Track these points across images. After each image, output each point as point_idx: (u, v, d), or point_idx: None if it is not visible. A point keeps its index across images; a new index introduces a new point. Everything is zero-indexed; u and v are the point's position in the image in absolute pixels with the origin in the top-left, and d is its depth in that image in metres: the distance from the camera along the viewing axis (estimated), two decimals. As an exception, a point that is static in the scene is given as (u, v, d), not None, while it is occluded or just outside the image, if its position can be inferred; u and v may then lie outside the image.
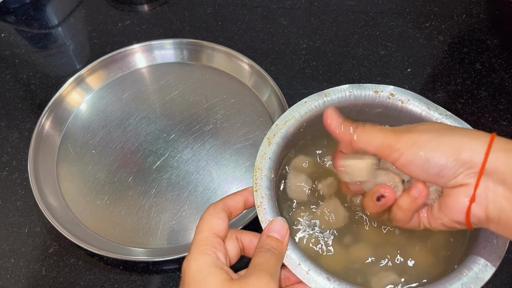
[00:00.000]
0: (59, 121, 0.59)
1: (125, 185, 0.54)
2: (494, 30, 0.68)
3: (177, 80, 0.64)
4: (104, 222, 0.52)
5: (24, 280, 0.49)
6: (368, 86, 0.41)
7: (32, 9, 0.74)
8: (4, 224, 0.53)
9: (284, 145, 0.40)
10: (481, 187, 0.30)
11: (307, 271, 0.33)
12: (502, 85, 0.62)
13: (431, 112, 0.40)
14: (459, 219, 0.32)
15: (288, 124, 0.40)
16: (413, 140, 0.32)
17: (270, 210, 0.35)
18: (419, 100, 0.41)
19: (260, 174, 0.37)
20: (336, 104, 0.41)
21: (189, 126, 0.59)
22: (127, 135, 0.59)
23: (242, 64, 0.62)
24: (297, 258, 0.33)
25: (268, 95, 0.60)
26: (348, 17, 0.71)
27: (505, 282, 0.47)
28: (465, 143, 0.30)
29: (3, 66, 0.68)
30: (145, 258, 0.48)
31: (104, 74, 0.64)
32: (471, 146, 0.30)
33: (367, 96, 0.41)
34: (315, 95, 0.41)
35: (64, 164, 0.57)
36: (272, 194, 0.36)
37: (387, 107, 0.42)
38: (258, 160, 0.38)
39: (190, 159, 0.56)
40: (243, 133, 0.58)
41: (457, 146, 0.30)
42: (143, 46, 0.64)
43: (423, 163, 0.31)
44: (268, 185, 0.37)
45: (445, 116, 0.40)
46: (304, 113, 0.41)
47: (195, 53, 0.65)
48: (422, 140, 0.31)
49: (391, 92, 0.41)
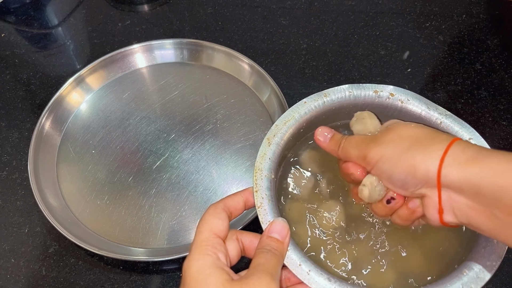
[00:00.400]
0: (59, 121, 0.59)
1: (125, 185, 0.54)
2: (494, 30, 0.68)
3: (177, 80, 0.64)
4: (104, 222, 0.52)
5: (24, 280, 0.49)
6: (367, 86, 0.41)
7: (32, 9, 0.74)
8: (4, 224, 0.53)
9: (284, 145, 0.40)
10: (444, 197, 0.32)
11: (308, 272, 0.33)
12: (502, 85, 0.62)
13: (430, 112, 0.40)
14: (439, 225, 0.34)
15: (288, 124, 0.40)
16: (379, 154, 0.34)
17: (270, 211, 0.35)
18: (419, 100, 0.41)
19: (260, 175, 0.37)
20: (336, 104, 0.41)
21: (189, 126, 0.59)
22: (127, 135, 0.59)
23: (242, 64, 0.62)
24: (297, 259, 0.33)
25: (268, 95, 0.60)
26: (348, 17, 0.71)
27: (505, 282, 0.47)
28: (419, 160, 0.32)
29: (3, 66, 0.68)
30: (145, 258, 0.48)
31: (104, 74, 0.64)
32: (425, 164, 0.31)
33: (367, 96, 0.41)
34: (315, 95, 0.41)
35: (64, 164, 0.57)
36: (272, 195, 0.36)
37: (387, 107, 0.42)
38: (258, 160, 0.38)
39: (190, 159, 0.56)
40: (243, 133, 0.58)
41: (412, 163, 0.32)
42: (143, 46, 0.64)
43: (388, 177, 0.34)
44: (268, 186, 0.37)
45: (445, 116, 0.40)
46: (304, 113, 0.41)
47: (195, 53, 0.65)
48: (386, 155, 0.33)
49: (390, 92, 0.41)
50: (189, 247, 0.33)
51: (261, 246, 0.33)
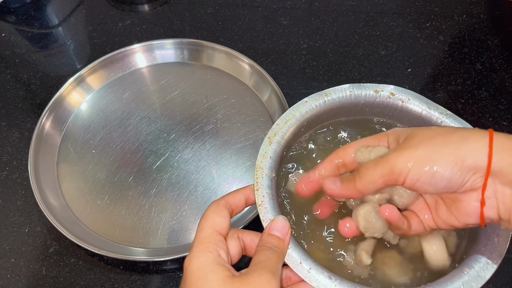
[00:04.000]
0: (59, 121, 0.59)
1: (125, 185, 0.54)
2: (495, 30, 0.68)
3: (177, 80, 0.63)
4: (104, 222, 0.52)
5: (24, 280, 0.49)
6: (368, 85, 0.42)
7: (32, 8, 0.74)
8: (4, 224, 0.53)
9: (285, 144, 0.40)
10: (489, 189, 0.30)
11: (309, 270, 0.33)
12: (502, 85, 0.62)
13: (431, 112, 0.40)
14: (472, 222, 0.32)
15: (289, 123, 0.40)
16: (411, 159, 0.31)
17: (271, 209, 0.35)
18: (420, 100, 0.41)
19: (261, 173, 0.37)
20: (337, 103, 0.42)
21: (189, 126, 0.59)
22: (127, 135, 0.59)
23: (243, 64, 0.62)
24: (298, 257, 0.33)
25: (269, 95, 0.60)
26: (348, 17, 0.71)
27: (506, 282, 0.47)
28: (466, 149, 0.30)
29: (4, 66, 0.68)
30: (145, 258, 0.48)
31: (104, 74, 0.64)
32: (473, 152, 0.29)
33: (368, 95, 0.41)
34: (315, 95, 0.42)
35: (64, 164, 0.57)
36: (273, 193, 0.37)
37: (387, 107, 0.42)
38: (259, 159, 0.38)
39: (190, 159, 0.56)
40: (243, 133, 0.58)
41: (458, 154, 0.30)
42: (143, 46, 0.64)
43: (430, 179, 0.31)
44: (269, 184, 0.37)
45: (446, 116, 0.40)
46: (304, 112, 0.41)
47: (196, 53, 0.65)
48: (421, 157, 0.31)
49: (391, 92, 0.41)
50: (189, 247, 0.33)
51: (262, 243, 0.33)
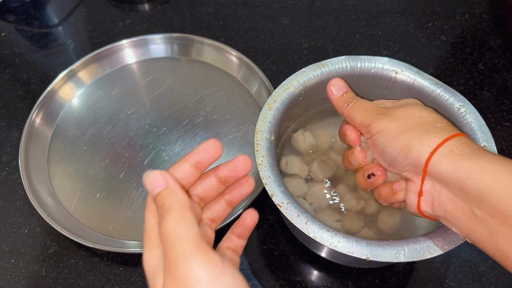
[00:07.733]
0: (49, 116, 0.60)
1: (117, 180, 0.54)
2: (497, 30, 0.68)
3: (166, 74, 0.64)
4: (98, 217, 0.52)
5: (24, 281, 0.49)
6: (364, 58, 0.44)
7: (32, 8, 0.74)
8: (4, 225, 0.53)
9: (284, 111, 0.43)
10: (427, 185, 0.33)
11: (306, 222, 0.36)
12: (505, 85, 0.62)
13: (422, 81, 0.43)
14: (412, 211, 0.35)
15: (287, 91, 0.43)
16: (382, 127, 0.35)
17: (269, 167, 0.39)
18: (411, 70, 0.43)
19: (261, 136, 0.40)
20: (334, 74, 0.44)
21: (179, 119, 0.59)
22: (117, 131, 0.59)
23: (231, 57, 0.63)
24: (296, 211, 0.36)
25: (258, 86, 0.60)
26: (350, 16, 0.70)
27: (507, 284, 0.47)
28: (415, 142, 0.32)
29: (3, 65, 0.68)
30: (140, 250, 0.48)
31: (95, 69, 0.64)
32: (420, 147, 0.32)
33: (363, 67, 0.44)
34: (313, 65, 0.44)
35: (55, 161, 0.57)
36: (271, 154, 0.40)
37: (381, 78, 0.44)
38: (259, 123, 0.41)
39: (181, 152, 0.56)
40: (233, 125, 0.58)
41: (408, 143, 0.33)
42: (132, 41, 0.64)
43: (381, 150, 0.35)
44: (268, 146, 0.40)
45: (436, 86, 0.42)
46: (303, 81, 0.44)
47: (184, 48, 0.65)
48: (388, 129, 0.34)
49: (385, 63, 0.44)
50: None
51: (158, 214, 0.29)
